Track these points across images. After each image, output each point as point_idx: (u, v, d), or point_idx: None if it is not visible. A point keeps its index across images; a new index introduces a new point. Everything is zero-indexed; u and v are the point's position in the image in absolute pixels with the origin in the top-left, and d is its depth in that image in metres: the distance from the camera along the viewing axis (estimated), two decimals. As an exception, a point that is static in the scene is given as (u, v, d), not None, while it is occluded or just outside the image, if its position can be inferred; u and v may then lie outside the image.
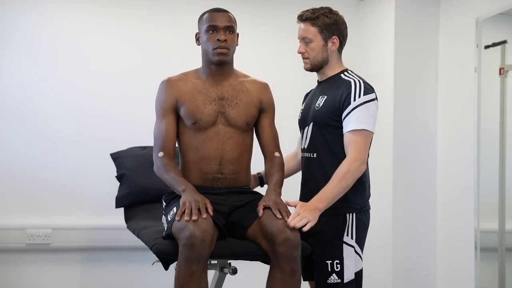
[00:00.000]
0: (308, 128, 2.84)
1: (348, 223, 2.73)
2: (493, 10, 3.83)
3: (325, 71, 2.86)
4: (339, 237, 2.71)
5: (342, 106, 2.70)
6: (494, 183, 3.84)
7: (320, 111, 2.78)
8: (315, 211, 2.56)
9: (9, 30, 4.00)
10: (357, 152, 2.65)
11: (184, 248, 2.37)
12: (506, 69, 3.81)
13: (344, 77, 2.80)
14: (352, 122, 2.67)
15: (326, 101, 2.77)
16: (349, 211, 2.74)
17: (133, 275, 4.12)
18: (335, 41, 2.81)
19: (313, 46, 2.81)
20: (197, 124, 2.74)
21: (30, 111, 4.00)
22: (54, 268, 4.02)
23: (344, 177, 2.62)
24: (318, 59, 2.83)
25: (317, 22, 2.79)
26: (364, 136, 2.68)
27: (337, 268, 2.68)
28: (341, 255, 2.70)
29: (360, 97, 2.68)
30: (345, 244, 2.71)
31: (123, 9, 4.23)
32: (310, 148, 2.82)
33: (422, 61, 4.36)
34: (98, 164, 3.99)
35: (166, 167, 2.69)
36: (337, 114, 2.72)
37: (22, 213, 3.97)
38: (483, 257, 3.82)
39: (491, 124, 3.88)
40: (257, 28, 4.42)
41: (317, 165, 2.79)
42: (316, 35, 2.80)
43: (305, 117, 2.90)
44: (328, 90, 2.81)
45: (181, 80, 2.82)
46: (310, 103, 2.89)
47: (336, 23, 2.82)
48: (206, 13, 2.79)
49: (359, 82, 2.72)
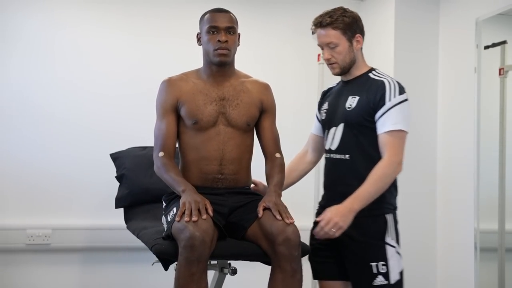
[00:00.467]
0: (337, 129, 2.79)
1: (388, 224, 2.72)
2: (492, 10, 3.84)
3: (352, 71, 2.82)
4: (381, 238, 2.69)
5: (377, 107, 2.66)
6: (494, 183, 3.85)
7: (353, 112, 2.73)
8: (349, 213, 2.56)
9: (9, 31, 4.00)
10: (393, 153, 2.63)
11: (184, 249, 2.36)
12: (506, 70, 3.82)
13: (374, 77, 2.77)
14: (388, 123, 2.64)
15: (360, 102, 2.72)
16: (388, 212, 2.74)
17: (133, 276, 4.11)
18: (359, 39, 2.77)
19: (340, 49, 2.76)
20: (197, 124, 2.74)
21: (30, 112, 4.00)
22: (54, 269, 4.01)
23: (380, 179, 2.61)
24: (346, 61, 2.78)
25: (338, 25, 2.74)
26: (400, 137, 2.65)
27: (382, 270, 2.66)
28: (385, 256, 2.68)
29: (395, 97, 2.65)
30: (388, 245, 2.69)
31: (123, 9, 4.23)
32: (341, 150, 2.77)
33: (422, 62, 4.37)
34: (98, 164, 3.98)
35: (166, 167, 2.69)
36: (371, 115, 2.69)
37: (22, 213, 3.96)
38: (482, 257, 3.81)
39: (491, 125, 3.88)
40: (257, 28, 4.42)
41: (349, 166, 2.74)
42: (340, 37, 2.75)
43: (332, 117, 2.84)
44: (358, 90, 2.77)
45: (182, 80, 2.82)
46: (336, 103, 2.84)
47: (356, 20, 2.79)
48: (207, 14, 2.79)
49: (393, 82, 2.69)
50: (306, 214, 4.22)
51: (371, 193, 2.61)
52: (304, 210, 4.20)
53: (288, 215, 2.51)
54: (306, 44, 4.46)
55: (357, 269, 2.71)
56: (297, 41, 4.52)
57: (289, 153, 3.21)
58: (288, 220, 2.48)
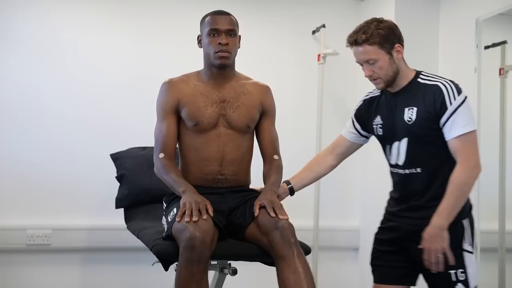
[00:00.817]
0: (400, 144, 2.71)
1: (465, 230, 2.67)
2: (493, 10, 3.82)
3: (397, 82, 2.71)
4: (459, 245, 2.64)
5: (439, 113, 2.57)
6: (494, 183, 3.82)
7: (415, 125, 2.64)
8: (441, 232, 2.55)
9: (7, 31, 4.00)
10: (466, 158, 2.56)
11: (184, 249, 2.37)
12: (506, 70, 3.81)
13: (426, 81, 2.67)
14: (456, 127, 2.56)
15: (419, 113, 2.63)
16: (464, 217, 2.67)
17: (133, 276, 4.12)
18: (399, 49, 2.66)
19: (380, 64, 2.65)
20: (198, 126, 2.75)
21: (30, 112, 4.00)
22: (54, 269, 4.02)
23: (459, 189, 2.56)
24: (389, 74, 2.67)
25: (374, 40, 2.62)
26: (471, 138, 2.57)
27: (461, 277, 2.61)
28: (463, 264, 2.63)
29: (455, 99, 2.55)
30: (465, 252, 2.65)
31: (123, 10, 4.23)
32: (410, 164, 2.69)
33: (421, 62, 4.07)
34: (98, 164, 3.99)
35: (167, 168, 2.70)
36: (435, 123, 2.60)
37: (22, 214, 3.97)
38: (483, 257, 3.76)
39: (491, 125, 3.85)
40: (257, 28, 4.43)
41: (424, 179, 2.67)
42: (378, 52, 2.63)
43: (392, 133, 2.74)
44: (413, 100, 2.67)
45: (183, 82, 2.82)
46: (392, 117, 2.74)
47: (392, 30, 2.66)
48: (208, 16, 2.80)
49: (448, 84, 2.60)
50: (305, 215, 4.35)
51: (454, 206, 2.58)
52: (303, 210, 4.26)
53: (283, 212, 2.53)
54: (306, 44, 4.47)
55: (435, 277, 2.66)
56: (298, 42, 4.52)
57: (289, 153, 3.22)
58: (281, 216, 2.49)
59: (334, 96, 4.53)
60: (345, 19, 4.58)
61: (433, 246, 2.55)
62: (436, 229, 2.55)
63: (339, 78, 4.54)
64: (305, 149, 4.33)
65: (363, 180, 4.49)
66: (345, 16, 4.60)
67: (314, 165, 3.05)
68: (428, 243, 2.56)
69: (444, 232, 2.54)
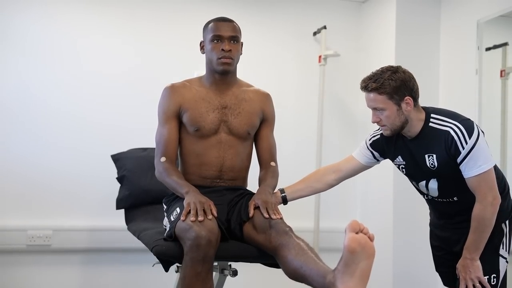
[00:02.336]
0: (429, 182, 2.74)
1: (504, 235, 2.70)
2: (494, 12, 3.86)
3: (409, 129, 2.71)
4: (496, 250, 2.68)
5: (455, 156, 2.60)
6: (495, 184, 3.84)
7: (440, 170, 2.67)
8: (473, 262, 2.64)
9: (8, 32, 4.00)
10: (485, 195, 2.59)
11: (189, 249, 2.37)
12: (507, 71, 3.85)
13: (437, 127, 2.66)
14: (472, 168, 2.58)
15: (439, 159, 2.65)
16: (504, 220, 2.70)
17: (133, 277, 4.11)
18: (408, 102, 2.64)
19: (388, 114, 2.65)
20: (199, 131, 2.75)
21: (31, 113, 4.00)
22: (54, 270, 4.00)
23: (480, 225, 2.61)
24: (396, 124, 2.68)
25: (384, 90, 2.62)
26: (487, 176, 2.59)
27: (493, 282, 2.66)
28: (497, 269, 2.67)
29: (467, 143, 2.56)
30: (501, 257, 2.69)
31: (126, 13, 4.24)
32: (445, 195, 2.74)
33: (423, 63, 4.35)
34: (98, 165, 3.98)
35: (168, 171, 2.71)
36: (455, 162, 2.62)
37: (23, 215, 3.96)
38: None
39: (492, 126, 3.87)
40: (259, 30, 4.44)
41: (462, 204, 2.72)
42: (386, 102, 2.64)
43: (418, 174, 2.77)
44: (430, 147, 2.68)
45: (185, 87, 2.82)
46: (414, 161, 2.75)
47: (404, 83, 2.64)
48: (211, 22, 2.79)
49: (458, 128, 2.60)
50: (306, 216, 4.37)
51: (478, 240, 2.63)
52: (304, 212, 4.29)
53: (276, 211, 2.53)
54: (308, 46, 4.47)
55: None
56: (299, 43, 4.53)
57: (289, 155, 3.22)
58: (274, 216, 2.50)
59: (334, 97, 4.53)
60: (346, 21, 4.60)
61: (468, 276, 2.65)
62: (468, 260, 2.65)
63: (340, 79, 4.55)
64: (306, 149, 4.34)
65: (364, 181, 4.48)
66: (346, 17, 4.61)
67: (312, 180, 3.01)
68: (463, 273, 2.67)
69: (476, 262, 2.63)
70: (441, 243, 2.90)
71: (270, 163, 2.88)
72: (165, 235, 2.59)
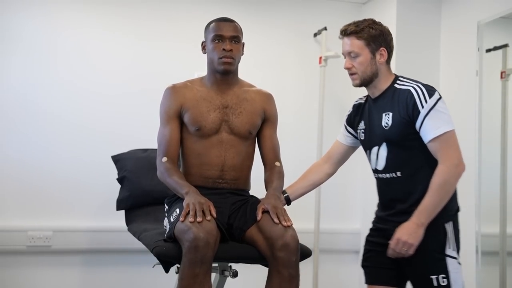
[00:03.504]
0: (380, 149, 2.75)
1: (448, 234, 2.66)
2: (494, 13, 3.84)
3: (376, 85, 2.76)
4: (442, 250, 2.64)
5: (413, 117, 2.60)
6: (495, 186, 3.84)
7: (392, 130, 2.68)
8: (417, 229, 2.55)
9: (11, 31, 4.01)
10: (447, 157, 2.57)
11: (188, 250, 2.37)
12: (508, 73, 3.83)
13: (400, 87, 2.70)
14: (430, 130, 2.58)
15: (394, 118, 2.67)
16: (447, 220, 2.67)
17: (133, 278, 4.12)
18: (383, 53, 2.70)
19: (361, 60, 2.70)
20: (200, 131, 2.76)
21: (31, 113, 4.01)
22: (55, 271, 4.02)
23: (441, 187, 2.57)
24: (367, 73, 2.72)
25: (363, 35, 2.68)
26: (449, 138, 2.58)
27: (443, 283, 2.61)
28: (446, 269, 2.62)
29: (427, 102, 2.58)
30: (448, 257, 2.64)
31: (126, 13, 4.25)
32: (390, 168, 2.72)
33: (423, 65, 4.35)
34: (99, 166, 4.00)
35: (169, 172, 2.71)
36: (410, 127, 2.63)
37: (23, 215, 3.98)
38: (484, 261, 3.80)
39: (492, 128, 3.88)
40: (259, 31, 4.45)
41: (403, 183, 2.70)
42: (363, 48, 2.69)
43: (372, 137, 2.80)
44: (389, 105, 2.71)
45: (186, 87, 2.84)
46: (372, 122, 2.80)
47: (382, 34, 2.72)
48: (212, 23, 2.81)
49: (419, 87, 2.63)
50: (306, 217, 4.36)
51: (435, 204, 2.58)
52: (304, 213, 4.24)
53: (286, 218, 2.53)
54: (308, 47, 4.48)
55: (418, 281, 2.70)
56: (299, 44, 4.54)
57: (290, 156, 3.23)
58: (285, 223, 2.49)
59: (335, 99, 4.54)
60: (347, 22, 4.56)
61: (403, 239, 2.55)
62: (414, 224, 2.56)
63: (341, 80, 4.50)
64: (306, 151, 4.35)
65: (364, 183, 4.49)
66: (347, 19, 4.48)
67: (309, 174, 3.07)
68: (400, 234, 2.57)
69: (420, 230, 2.55)
70: (378, 238, 2.82)
71: (275, 163, 2.88)
72: (165, 236, 2.60)
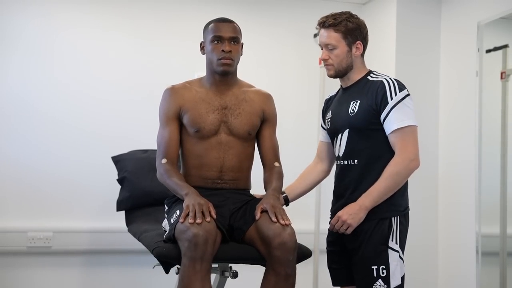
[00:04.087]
0: (342, 135, 2.80)
1: (393, 228, 2.70)
2: (494, 14, 3.88)
3: (350, 76, 2.83)
4: (385, 242, 2.68)
5: (380, 107, 2.67)
6: (496, 187, 3.88)
7: (356, 116, 2.74)
8: (359, 211, 2.61)
9: (12, 34, 4.04)
10: (404, 150, 2.64)
11: (187, 249, 2.38)
12: (508, 73, 3.87)
13: (373, 79, 2.78)
14: (394, 122, 2.64)
15: (361, 105, 2.73)
16: (394, 215, 2.71)
17: (134, 278, 4.14)
18: (359, 46, 2.78)
19: (337, 52, 2.77)
20: (199, 132, 2.77)
21: (31, 115, 4.04)
22: (55, 271, 4.05)
23: (391, 176, 2.62)
24: (342, 65, 2.79)
25: (340, 28, 2.75)
26: (410, 132, 2.65)
27: (383, 274, 2.66)
28: (386, 261, 2.67)
29: (396, 95, 2.65)
30: (390, 249, 2.68)
31: (125, 14, 4.28)
32: (348, 155, 2.78)
33: (423, 65, 4.41)
34: (99, 167, 4.03)
35: (169, 173, 2.72)
36: (375, 117, 2.69)
37: (23, 216, 4.00)
38: (484, 261, 3.84)
39: (492, 128, 3.91)
40: (259, 32, 4.47)
41: (358, 172, 2.75)
42: (340, 41, 2.76)
43: (337, 124, 2.85)
44: (358, 94, 2.78)
45: (185, 88, 2.84)
46: (339, 110, 2.85)
47: (359, 27, 2.79)
48: (211, 23, 2.81)
49: (391, 80, 2.71)
50: (306, 218, 4.37)
51: (382, 191, 2.63)
52: (304, 213, 4.27)
53: (285, 217, 2.53)
54: (308, 48, 4.49)
55: (359, 272, 2.72)
56: (299, 45, 4.56)
57: (290, 156, 3.25)
58: (283, 221, 2.49)
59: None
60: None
61: (344, 218, 2.63)
62: (357, 206, 2.63)
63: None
64: (306, 151, 4.30)
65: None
66: None
67: (306, 174, 3.10)
68: (342, 213, 2.65)
69: (362, 212, 2.62)
70: (333, 237, 2.86)
71: (274, 163, 2.88)
72: (165, 237, 2.61)
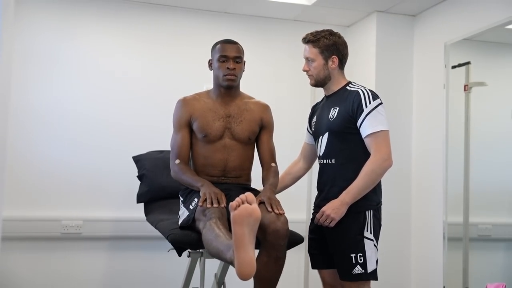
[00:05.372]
0: (323, 137, 2.93)
1: (367, 220, 2.83)
2: (459, 35, 4.04)
3: (330, 86, 2.96)
4: (361, 232, 2.82)
5: (356, 114, 2.80)
6: (460, 182, 4.03)
7: (335, 122, 2.87)
8: (341, 206, 2.77)
9: (39, 49, 4.24)
10: (378, 151, 2.77)
11: (208, 219, 2.55)
12: (470, 86, 4.02)
13: (350, 88, 2.90)
14: (369, 127, 2.77)
15: (339, 112, 2.85)
16: (368, 209, 2.84)
17: (151, 260, 4.33)
18: (334, 60, 2.91)
19: (315, 65, 2.93)
20: (207, 137, 2.95)
21: (64, 122, 4.25)
22: (84, 254, 4.24)
23: (367, 174, 2.75)
24: (320, 76, 2.93)
25: (318, 44, 2.91)
26: (383, 136, 2.78)
27: (360, 260, 2.79)
28: (363, 249, 2.81)
29: (370, 103, 2.80)
30: (366, 239, 2.82)
31: (145, 37, 4.48)
32: (327, 155, 2.91)
33: (399, 79, 4.54)
34: (122, 165, 4.19)
35: (183, 170, 2.91)
36: (351, 122, 2.82)
37: (58, 207, 4.18)
38: (449, 246, 4.00)
39: (457, 132, 4.06)
40: (259, 51, 4.64)
41: (335, 170, 2.88)
42: (317, 55, 2.92)
43: (319, 128, 2.98)
44: (338, 102, 2.89)
45: (195, 100, 3.02)
46: (322, 116, 2.97)
47: (335, 44, 2.92)
48: (218, 44, 3.00)
49: (366, 91, 2.84)
50: (299, 209, 4.56)
51: (360, 188, 2.76)
52: (297, 205, 4.52)
53: (279, 208, 2.68)
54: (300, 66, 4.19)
55: (340, 260, 2.87)
56: (292, 64, 4.62)
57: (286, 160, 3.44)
58: (278, 211, 2.64)
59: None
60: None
61: (327, 212, 2.79)
62: (339, 202, 2.78)
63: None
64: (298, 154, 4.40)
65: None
66: None
67: (288, 169, 3.29)
68: (326, 208, 2.80)
69: (343, 207, 2.77)
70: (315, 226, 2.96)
71: (271, 164, 3.02)
72: (182, 221, 2.79)
